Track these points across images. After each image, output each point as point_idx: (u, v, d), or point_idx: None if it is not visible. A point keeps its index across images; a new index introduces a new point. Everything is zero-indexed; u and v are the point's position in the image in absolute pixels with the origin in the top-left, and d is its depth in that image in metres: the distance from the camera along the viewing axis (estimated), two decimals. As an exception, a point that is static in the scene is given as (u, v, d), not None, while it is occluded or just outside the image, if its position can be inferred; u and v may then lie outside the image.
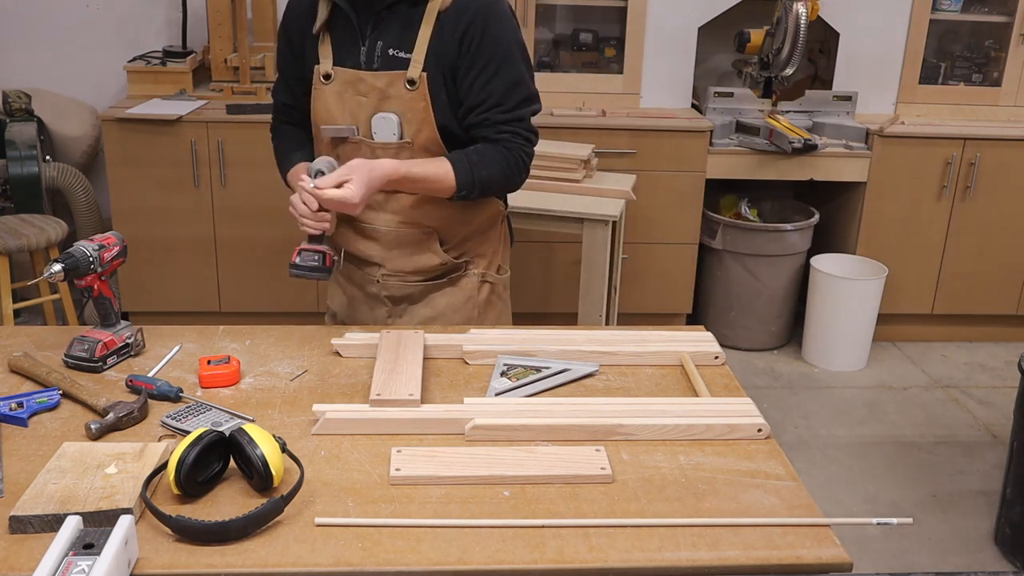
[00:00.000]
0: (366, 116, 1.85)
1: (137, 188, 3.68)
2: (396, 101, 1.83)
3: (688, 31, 4.09)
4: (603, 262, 3.14)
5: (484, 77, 1.80)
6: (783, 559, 1.23)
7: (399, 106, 1.83)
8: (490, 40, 1.79)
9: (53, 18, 4.05)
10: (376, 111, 1.84)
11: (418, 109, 1.82)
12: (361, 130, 1.87)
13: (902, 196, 3.99)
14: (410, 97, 1.82)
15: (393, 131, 1.84)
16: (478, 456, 1.42)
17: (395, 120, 1.84)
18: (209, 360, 1.64)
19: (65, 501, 1.24)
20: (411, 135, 1.85)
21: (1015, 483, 2.72)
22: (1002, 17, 4.22)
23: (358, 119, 1.87)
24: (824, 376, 3.98)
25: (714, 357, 1.79)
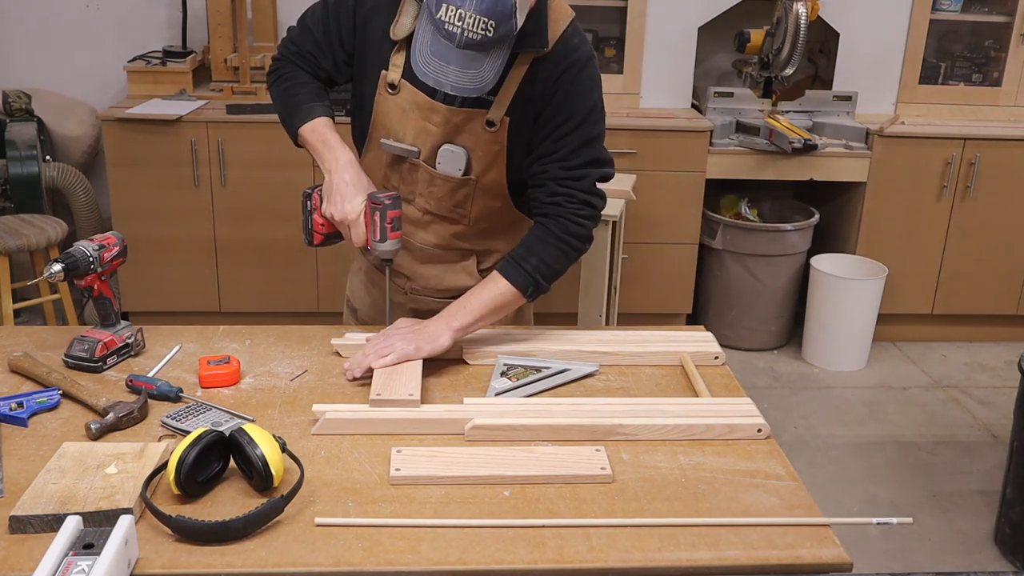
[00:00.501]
0: (432, 144, 1.76)
1: (137, 188, 3.68)
2: (467, 137, 1.75)
3: (688, 31, 4.10)
4: (603, 262, 3.14)
5: (562, 130, 1.73)
6: (783, 559, 1.23)
7: (471, 142, 1.75)
8: (579, 94, 1.73)
9: (53, 18, 4.05)
10: (445, 141, 1.75)
11: (492, 152, 1.75)
12: (423, 155, 1.78)
13: (902, 196, 3.99)
14: (485, 139, 1.74)
15: (459, 166, 1.76)
16: (478, 456, 1.42)
17: (463, 155, 1.75)
18: (209, 360, 1.64)
19: (65, 501, 1.24)
20: (478, 173, 1.77)
21: (1015, 483, 2.72)
22: (1002, 17, 4.22)
23: (422, 144, 1.77)
24: (824, 376, 3.98)
25: (714, 357, 1.79)
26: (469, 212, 1.83)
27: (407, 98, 1.75)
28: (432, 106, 1.73)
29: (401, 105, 1.76)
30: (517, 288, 1.73)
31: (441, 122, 1.74)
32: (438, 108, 1.73)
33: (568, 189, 1.75)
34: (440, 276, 1.92)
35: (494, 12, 1.48)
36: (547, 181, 1.75)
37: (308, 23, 1.83)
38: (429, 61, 1.56)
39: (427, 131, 1.76)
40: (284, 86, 1.85)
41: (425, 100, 1.73)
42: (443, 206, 1.82)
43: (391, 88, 1.75)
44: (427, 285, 1.93)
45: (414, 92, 1.73)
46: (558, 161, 1.74)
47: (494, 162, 1.76)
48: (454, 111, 1.72)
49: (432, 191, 1.81)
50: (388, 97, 1.76)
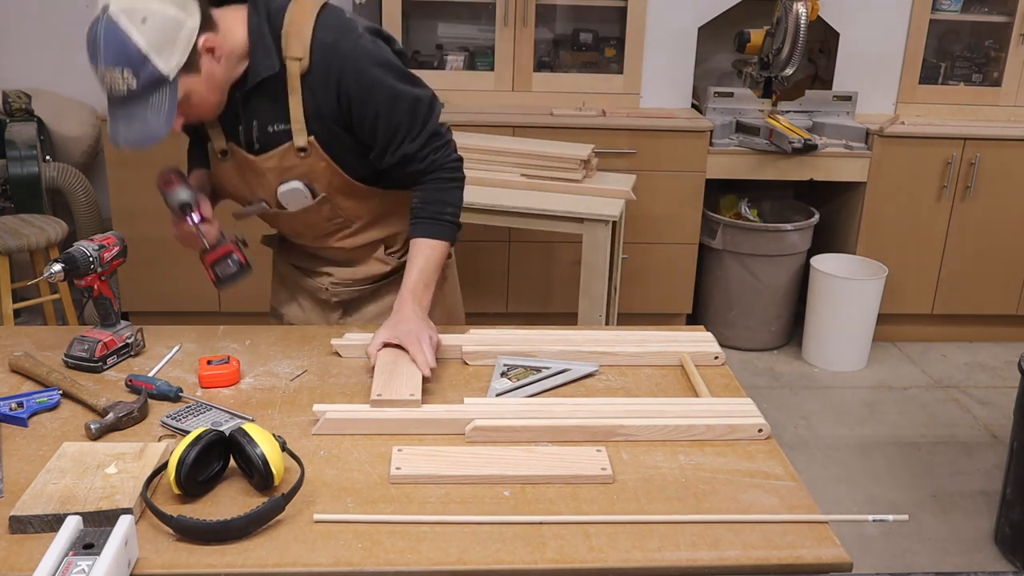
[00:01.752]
0: (271, 191, 1.82)
1: (137, 188, 3.68)
2: (295, 169, 1.78)
3: (688, 31, 4.10)
4: (603, 262, 3.14)
5: (382, 119, 1.74)
6: (783, 559, 1.23)
7: (301, 171, 1.79)
8: (365, 88, 1.71)
9: (53, 18, 4.05)
10: (278, 183, 1.80)
11: (319, 169, 1.78)
12: (272, 204, 1.84)
13: (902, 196, 3.99)
14: (308, 163, 1.77)
15: (304, 196, 1.80)
16: (478, 456, 1.42)
17: (300, 186, 1.79)
18: (209, 360, 1.64)
19: (65, 501, 1.24)
20: (324, 189, 1.81)
21: (1015, 483, 2.72)
22: (1002, 17, 4.22)
23: (266, 194, 1.83)
24: (824, 376, 3.98)
25: (714, 357, 1.79)
26: (347, 216, 1.88)
27: (236, 159, 1.81)
28: (248, 162, 1.79)
29: (235, 167, 1.83)
30: (446, 240, 1.81)
31: (262, 172, 1.79)
32: (252, 163, 1.79)
33: (431, 151, 1.79)
34: (356, 268, 1.97)
35: (122, 62, 1.51)
36: (411, 160, 1.78)
37: None
38: (109, 122, 1.59)
39: (261, 184, 1.82)
40: None
41: (244, 157, 1.79)
42: (320, 226, 1.88)
43: (221, 155, 1.82)
44: (345, 277, 1.97)
45: (238, 152, 1.79)
46: (404, 139, 1.76)
47: (333, 173, 1.79)
48: (265, 159, 1.77)
49: (304, 221, 1.87)
50: (220, 163, 1.84)
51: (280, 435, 1.36)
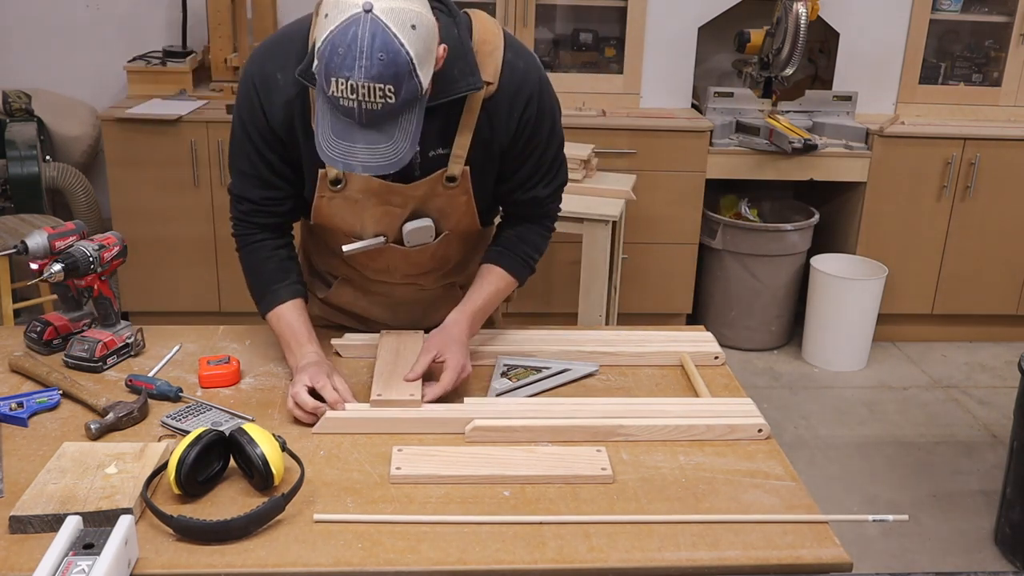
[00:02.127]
0: (396, 224, 1.65)
1: (137, 188, 3.68)
2: (432, 201, 1.64)
3: (688, 31, 4.09)
4: (603, 262, 3.14)
5: (536, 156, 1.66)
6: (783, 559, 1.23)
7: (435, 204, 1.65)
8: (544, 118, 1.63)
9: (53, 18, 4.05)
10: (408, 219, 1.65)
11: (459, 204, 1.66)
12: (390, 237, 1.68)
13: (902, 196, 3.99)
14: (449, 195, 1.64)
15: (429, 235, 1.67)
16: (479, 456, 1.42)
17: (431, 224, 1.66)
18: (209, 360, 1.64)
19: (65, 501, 1.24)
20: (449, 228, 1.70)
21: (1015, 483, 2.72)
22: (1002, 17, 4.22)
23: (387, 228, 1.66)
24: (824, 376, 3.98)
25: (714, 357, 1.79)
26: (449, 257, 1.80)
27: (356, 188, 1.61)
28: (389, 188, 1.60)
29: (351, 197, 1.62)
30: (520, 281, 1.76)
31: (402, 202, 1.63)
32: (396, 189, 1.60)
33: (553, 201, 1.78)
34: (423, 315, 1.85)
35: (387, 75, 1.30)
36: (533, 200, 1.74)
37: (242, 169, 1.65)
38: (333, 144, 1.37)
39: (389, 214, 1.64)
40: (249, 261, 1.71)
41: (381, 185, 1.59)
42: (423, 267, 1.78)
43: (334, 185, 1.60)
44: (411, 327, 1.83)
45: (366, 180, 1.58)
46: (540, 183, 1.72)
47: (465, 212, 1.69)
48: (414, 187, 1.61)
49: (411, 262, 1.74)
50: (333, 196, 1.62)
51: (280, 435, 1.36)
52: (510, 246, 1.75)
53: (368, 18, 1.29)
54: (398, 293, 1.84)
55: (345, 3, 1.31)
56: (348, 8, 1.30)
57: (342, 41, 1.29)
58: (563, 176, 1.76)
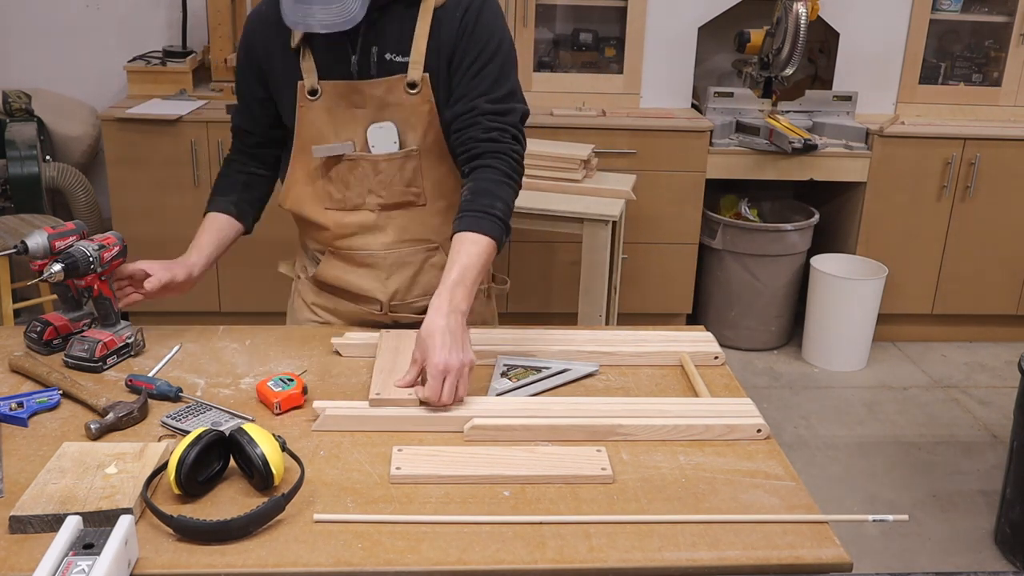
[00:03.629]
0: (361, 129, 1.76)
1: (137, 188, 3.68)
2: (396, 108, 1.74)
3: (688, 31, 4.10)
4: (603, 262, 3.14)
5: (477, 65, 1.71)
6: (783, 559, 1.23)
7: (399, 113, 1.74)
8: (483, 29, 1.71)
9: (53, 18, 4.05)
10: (372, 122, 1.75)
11: (422, 113, 1.74)
12: (357, 145, 1.78)
13: (902, 196, 3.99)
14: (412, 102, 1.73)
15: (393, 140, 1.75)
16: (479, 456, 1.42)
17: (393, 128, 1.75)
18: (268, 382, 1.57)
19: (65, 501, 1.23)
20: (416, 142, 1.76)
21: (1015, 483, 2.72)
22: (1002, 17, 4.22)
23: (353, 134, 1.77)
24: (824, 376, 3.98)
25: (714, 357, 1.79)
26: (423, 188, 1.81)
27: (329, 94, 1.75)
28: (353, 87, 1.73)
29: (326, 106, 1.76)
30: (494, 239, 1.64)
31: (365, 101, 1.74)
32: (359, 87, 1.73)
33: (500, 123, 1.71)
34: (410, 282, 1.87)
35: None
36: (478, 117, 1.71)
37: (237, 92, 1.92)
38: (293, 8, 1.57)
39: (354, 118, 1.76)
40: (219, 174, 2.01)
41: (345, 85, 1.73)
42: (395, 190, 1.79)
43: (311, 95, 1.75)
44: (401, 298, 1.88)
45: (334, 84, 1.74)
46: (483, 95, 1.71)
47: (429, 123, 1.75)
48: (375, 83, 1.72)
49: (380, 179, 1.79)
50: (311, 105, 1.76)
51: (280, 435, 1.36)
52: (467, 205, 1.67)
53: None
54: (383, 259, 1.85)
55: None
56: None
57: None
58: (512, 102, 1.73)
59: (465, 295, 1.58)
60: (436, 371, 1.49)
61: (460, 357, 1.50)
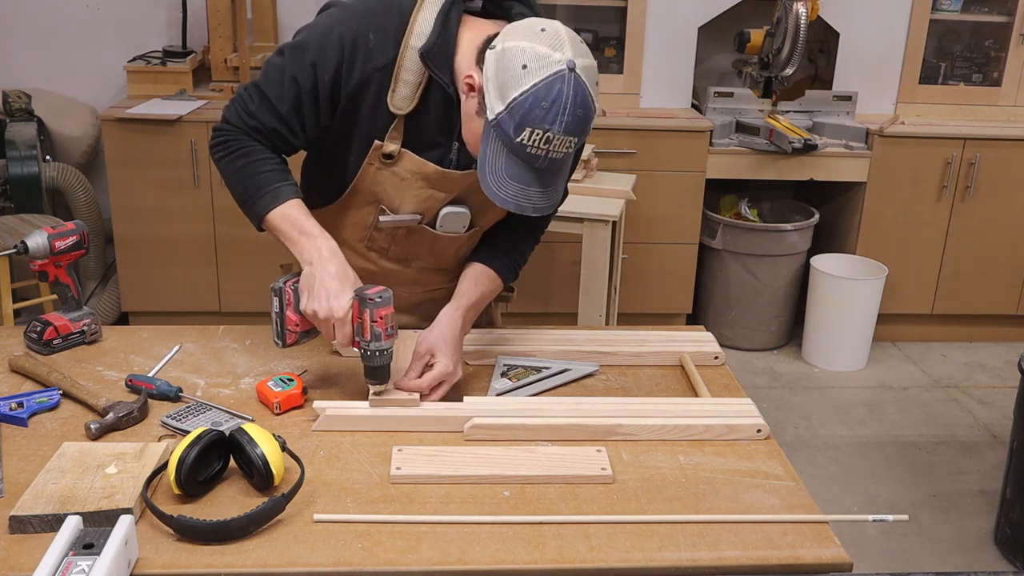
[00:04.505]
0: (435, 208, 1.69)
1: (137, 188, 3.68)
2: (476, 193, 1.60)
3: (688, 31, 4.10)
4: (603, 262, 3.14)
5: None
6: (783, 559, 1.23)
7: (477, 198, 1.64)
8: None
9: (53, 18, 4.05)
10: (448, 204, 1.69)
11: None
12: (426, 220, 1.70)
13: (902, 196, 3.99)
14: None
15: (463, 224, 1.71)
16: (479, 456, 1.42)
17: (468, 215, 1.70)
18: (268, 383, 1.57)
19: (65, 501, 1.24)
20: (482, 223, 1.74)
21: (1015, 483, 2.72)
22: (1002, 17, 4.22)
23: (426, 210, 1.69)
24: (824, 376, 3.98)
25: (714, 357, 1.79)
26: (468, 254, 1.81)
27: (408, 168, 1.64)
28: (444, 175, 1.64)
29: (399, 174, 1.64)
30: (504, 281, 1.76)
31: (450, 188, 1.67)
32: (451, 176, 1.65)
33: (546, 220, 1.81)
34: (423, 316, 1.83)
35: (579, 129, 1.40)
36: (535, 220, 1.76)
37: (270, 97, 1.59)
38: (504, 185, 1.43)
39: (433, 198, 1.68)
40: (242, 162, 1.61)
41: (435, 171, 1.64)
42: (445, 262, 1.80)
43: (386, 158, 1.63)
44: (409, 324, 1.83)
45: (420, 163, 1.63)
46: None
47: (499, 210, 1.67)
48: (468, 175, 1.63)
49: (435, 250, 1.76)
50: (382, 167, 1.64)
51: (280, 435, 1.36)
52: (504, 250, 1.75)
53: (572, 77, 1.38)
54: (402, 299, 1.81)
55: (547, 58, 1.38)
56: (551, 65, 1.38)
57: (546, 96, 1.37)
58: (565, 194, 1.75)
59: (473, 318, 1.71)
60: (444, 370, 1.56)
61: (460, 370, 1.61)
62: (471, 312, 1.69)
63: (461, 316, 1.65)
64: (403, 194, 1.67)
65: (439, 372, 1.56)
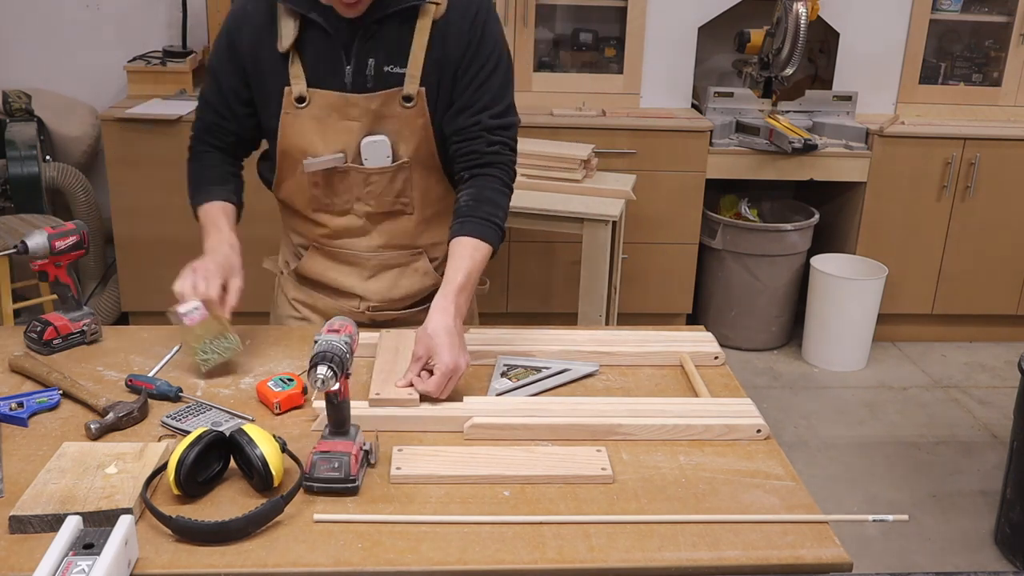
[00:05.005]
0: (354, 141, 1.73)
1: (137, 188, 3.68)
2: (389, 121, 1.72)
3: (688, 31, 4.10)
4: (603, 262, 3.14)
5: (480, 78, 1.71)
6: (783, 559, 1.23)
7: (392, 125, 1.73)
8: (489, 42, 1.71)
9: (53, 18, 4.05)
10: (365, 135, 1.73)
11: (416, 127, 1.73)
12: (349, 158, 1.75)
13: (902, 196, 3.99)
14: (407, 115, 1.72)
15: (386, 153, 1.74)
16: (479, 456, 1.42)
17: (387, 142, 1.73)
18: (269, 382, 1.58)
19: (65, 501, 1.23)
20: (408, 154, 1.75)
21: (1015, 483, 2.72)
22: (1002, 17, 4.22)
23: (346, 145, 1.74)
24: (824, 376, 3.98)
25: (714, 357, 1.79)
26: (412, 198, 1.81)
27: (319, 104, 1.71)
28: (347, 100, 1.70)
29: (314, 115, 1.72)
30: (493, 247, 1.72)
31: (360, 114, 1.71)
32: (353, 100, 1.70)
33: (502, 137, 1.75)
34: (392, 284, 1.88)
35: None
36: (482, 132, 1.73)
37: (205, 94, 1.83)
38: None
39: (347, 130, 1.72)
40: (193, 166, 1.89)
41: (339, 98, 1.70)
42: (384, 201, 1.80)
43: (299, 102, 1.71)
44: (383, 298, 1.89)
45: (325, 95, 1.70)
46: (487, 110, 1.73)
47: (423, 138, 1.74)
48: (370, 98, 1.70)
49: (369, 190, 1.78)
50: (298, 113, 1.72)
51: (280, 436, 1.36)
52: (469, 211, 1.71)
53: None
54: (367, 261, 1.86)
55: None
56: None
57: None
58: (511, 115, 1.77)
59: (466, 299, 1.65)
60: (446, 369, 1.53)
61: (464, 358, 1.57)
62: (462, 295, 1.63)
63: (452, 303, 1.61)
64: (323, 135, 1.73)
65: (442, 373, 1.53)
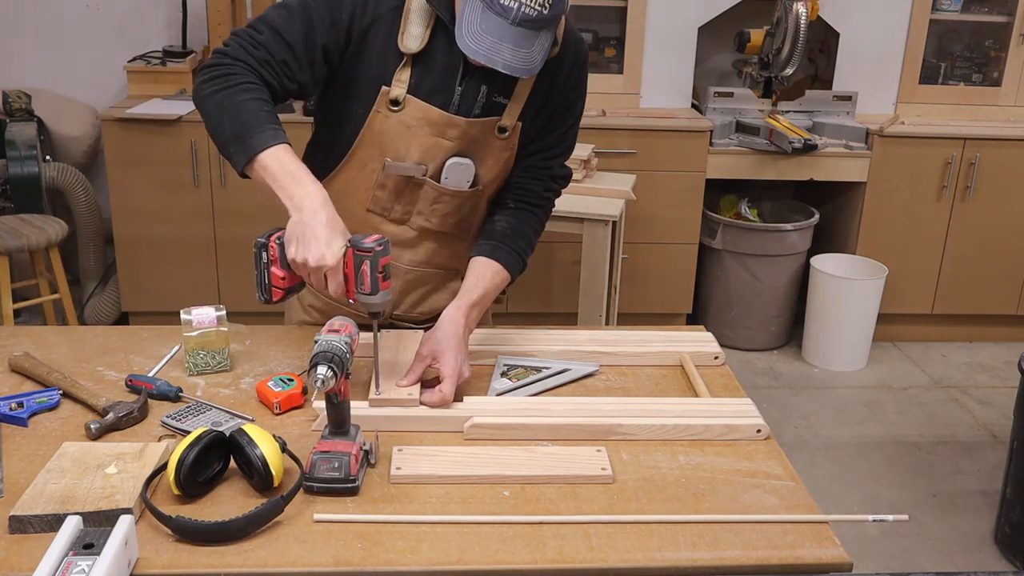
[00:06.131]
0: (440, 158, 1.67)
1: (137, 188, 3.68)
2: (479, 147, 1.68)
3: (688, 31, 4.10)
4: (603, 262, 3.14)
5: (567, 123, 1.73)
6: (783, 559, 1.23)
7: (480, 152, 1.68)
8: (583, 87, 1.73)
9: (53, 18, 4.05)
10: (454, 155, 1.67)
11: (502, 158, 1.71)
12: (430, 170, 1.68)
13: (902, 196, 3.99)
14: (497, 145, 1.69)
15: (467, 178, 1.70)
16: (479, 456, 1.42)
17: (471, 167, 1.69)
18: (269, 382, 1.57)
19: (65, 501, 1.23)
20: (486, 182, 1.72)
21: (1015, 483, 2.72)
22: (1002, 17, 4.23)
23: (431, 159, 1.67)
24: (824, 376, 3.98)
25: (714, 357, 1.79)
26: (472, 225, 1.80)
27: (414, 114, 1.63)
28: (450, 121, 1.64)
29: (405, 122, 1.64)
30: (512, 276, 1.74)
31: (457, 135, 1.66)
32: (456, 122, 1.64)
33: (560, 186, 1.82)
34: (420, 299, 1.85)
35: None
36: (547, 177, 1.78)
37: (279, 29, 1.56)
38: (480, 38, 1.45)
39: (437, 146, 1.66)
40: (242, 97, 1.52)
41: (440, 115, 1.63)
42: (446, 223, 1.76)
43: (393, 105, 1.63)
44: (407, 312, 1.85)
45: (425, 108, 1.63)
46: (559, 157, 1.78)
47: (503, 169, 1.73)
48: (473, 123, 1.65)
49: (436, 208, 1.73)
50: (389, 114, 1.64)
51: (280, 436, 1.35)
52: (506, 240, 1.72)
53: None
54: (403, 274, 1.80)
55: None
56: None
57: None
58: (568, 169, 1.82)
59: (477, 316, 1.68)
60: (454, 373, 1.54)
61: (468, 371, 1.59)
62: (475, 310, 1.65)
63: (463, 315, 1.62)
64: (408, 143, 1.66)
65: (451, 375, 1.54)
